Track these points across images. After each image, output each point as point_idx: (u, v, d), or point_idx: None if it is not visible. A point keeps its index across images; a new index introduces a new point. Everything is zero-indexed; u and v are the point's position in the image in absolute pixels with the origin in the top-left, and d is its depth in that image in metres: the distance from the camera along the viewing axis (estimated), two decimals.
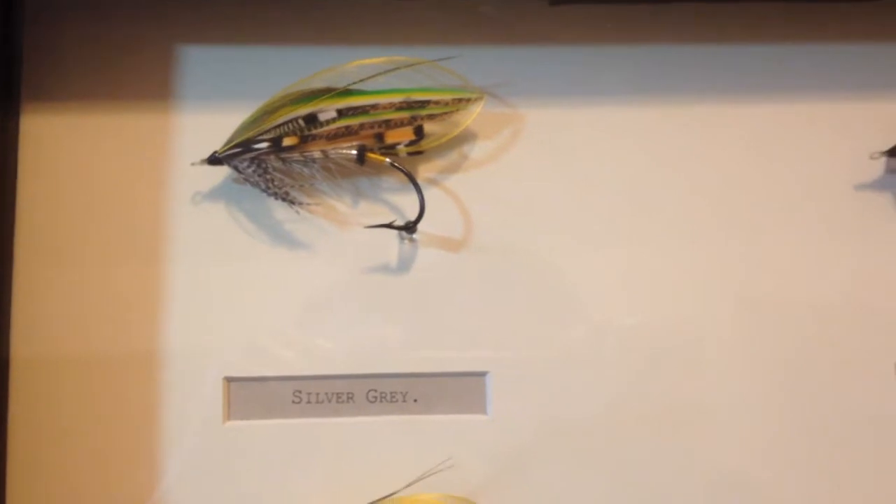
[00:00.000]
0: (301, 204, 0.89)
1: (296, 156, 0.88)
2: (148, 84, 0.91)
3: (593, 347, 0.89)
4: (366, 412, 0.88)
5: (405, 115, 0.88)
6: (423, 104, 0.89)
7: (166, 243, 0.89)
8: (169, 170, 0.90)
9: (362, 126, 0.88)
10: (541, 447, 0.87)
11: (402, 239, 0.90)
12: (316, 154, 0.88)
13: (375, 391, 0.88)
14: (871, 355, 0.90)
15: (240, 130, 0.87)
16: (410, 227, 0.88)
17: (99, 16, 0.92)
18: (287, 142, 0.87)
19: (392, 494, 0.83)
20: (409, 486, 0.84)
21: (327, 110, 0.87)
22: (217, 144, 0.87)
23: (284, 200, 0.88)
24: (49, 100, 0.90)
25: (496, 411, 0.88)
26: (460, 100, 0.89)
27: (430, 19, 0.93)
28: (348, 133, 0.88)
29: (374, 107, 0.88)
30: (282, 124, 0.87)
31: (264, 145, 0.86)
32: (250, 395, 0.88)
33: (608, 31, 0.94)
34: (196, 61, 0.92)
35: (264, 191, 0.88)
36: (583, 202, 0.91)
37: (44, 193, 0.89)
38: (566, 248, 0.91)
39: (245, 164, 0.87)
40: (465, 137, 0.91)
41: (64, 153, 0.90)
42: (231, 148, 0.87)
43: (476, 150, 0.92)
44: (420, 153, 0.90)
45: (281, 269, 0.89)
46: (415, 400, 0.88)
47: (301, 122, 0.87)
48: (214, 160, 0.87)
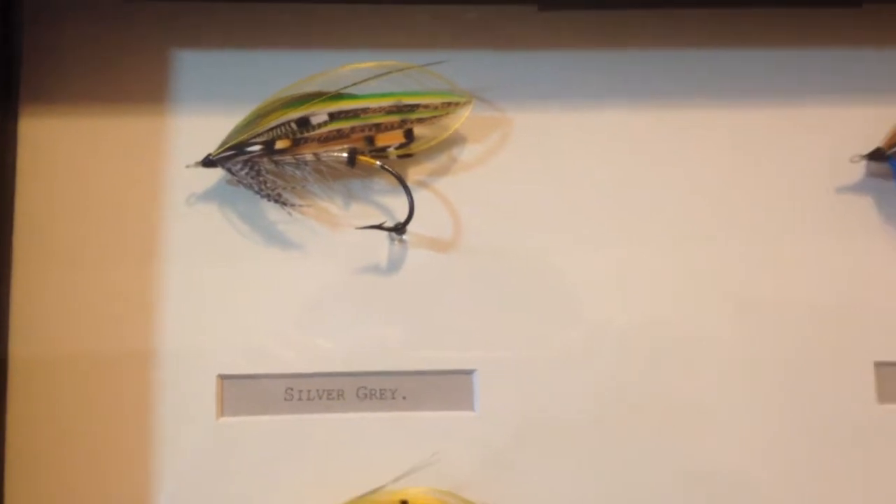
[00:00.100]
0: (293, 205, 0.90)
1: (288, 158, 0.89)
2: (144, 87, 0.92)
3: (579, 346, 0.91)
4: (356, 409, 0.89)
5: (395, 119, 0.90)
6: (413, 108, 0.90)
7: (161, 243, 0.90)
8: (164, 172, 0.91)
9: (353, 129, 0.89)
10: (526, 443, 0.89)
11: (393, 240, 0.91)
12: (308, 157, 0.89)
13: (365, 388, 0.90)
14: (850, 354, 0.91)
15: (233, 133, 0.88)
16: (400, 229, 0.89)
17: (98, 18, 0.92)
18: (280, 145, 0.88)
19: (380, 488, 0.85)
20: (397, 480, 0.85)
21: (319, 114, 0.89)
22: (211, 147, 0.88)
23: (277, 202, 0.89)
24: (48, 101, 0.91)
25: (483, 408, 0.89)
26: (449, 104, 0.90)
27: (421, 25, 0.94)
28: (339, 136, 0.89)
29: (365, 110, 0.89)
30: (275, 127, 0.88)
31: (257, 148, 0.88)
32: (243, 392, 0.89)
33: (595, 37, 0.95)
34: (191, 65, 0.93)
35: (257, 192, 0.89)
36: (569, 204, 0.93)
37: (42, 194, 0.90)
38: (553, 249, 0.92)
39: (238, 167, 0.88)
40: (454, 141, 0.93)
41: (62, 154, 0.91)
42: (225, 150, 0.88)
43: (465, 153, 0.93)
44: (410, 156, 0.92)
45: (273, 270, 0.90)
46: (404, 397, 0.90)
47: (293, 126, 0.88)
48: (209, 162, 0.88)
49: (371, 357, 0.90)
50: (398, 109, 0.90)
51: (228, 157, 0.88)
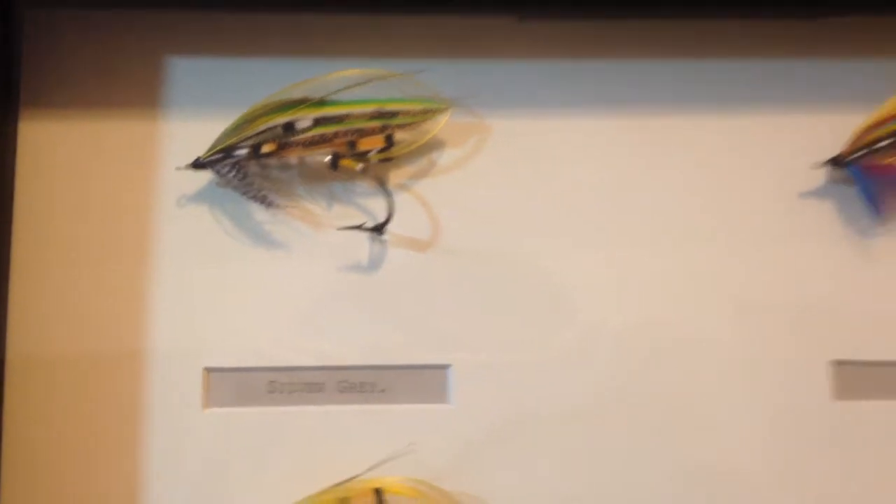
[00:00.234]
0: (278, 207, 0.93)
1: (274, 161, 0.92)
2: (139, 92, 0.94)
3: (552, 343, 0.93)
4: (336, 401, 0.91)
5: (377, 125, 0.92)
6: (394, 114, 0.92)
7: (153, 243, 0.92)
8: (157, 174, 0.93)
9: (336, 134, 0.91)
10: (500, 435, 0.91)
11: (373, 240, 0.93)
12: (293, 160, 0.92)
13: (345, 382, 0.92)
14: (807, 353, 0.94)
15: (222, 137, 0.91)
16: (380, 229, 0.92)
17: (95, 25, 0.95)
18: (266, 148, 0.90)
19: (356, 476, 0.87)
20: (373, 469, 0.87)
21: (304, 119, 0.91)
22: (201, 150, 0.91)
23: (262, 203, 0.92)
24: (47, 105, 0.93)
25: (458, 401, 0.92)
26: (429, 110, 0.93)
27: (404, 34, 0.96)
28: (323, 141, 0.91)
29: (348, 116, 0.91)
30: (261, 132, 0.90)
31: (244, 151, 0.90)
32: (228, 385, 0.91)
33: (574, 47, 0.97)
34: (184, 72, 0.95)
35: (244, 194, 0.92)
36: (544, 208, 0.95)
37: (39, 196, 0.92)
38: (528, 251, 0.95)
39: (227, 169, 0.91)
40: (433, 145, 0.95)
41: (59, 156, 0.93)
42: (214, 154, 0.91)
43: (443, 158, 0.95)
44: (390, 160, 0.94)
45: (259, 268, 0.92)
46: (382, 390, 0.92)
47: (279, 130, 0.91)
48: (198, 165, 0.91)
49: (351, 352, 0.92)
50: (380, 115, 0.92)
51: (217, 160, 0.91)
